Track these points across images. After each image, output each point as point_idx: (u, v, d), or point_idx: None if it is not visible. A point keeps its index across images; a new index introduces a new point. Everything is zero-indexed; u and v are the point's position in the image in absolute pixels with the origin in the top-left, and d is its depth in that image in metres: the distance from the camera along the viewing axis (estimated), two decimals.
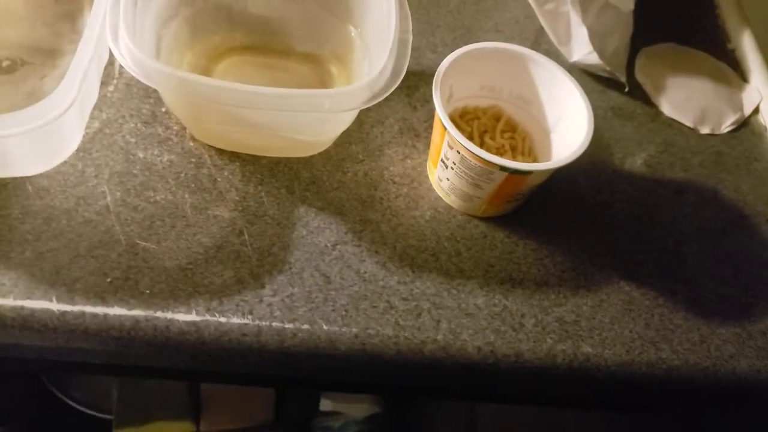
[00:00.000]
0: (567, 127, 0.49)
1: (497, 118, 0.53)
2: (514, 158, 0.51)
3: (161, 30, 0.49)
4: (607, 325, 0.47)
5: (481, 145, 0.51)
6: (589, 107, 0.47)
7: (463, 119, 0.52)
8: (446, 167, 0.48)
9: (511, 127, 0.53)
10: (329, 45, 0.54)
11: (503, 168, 0.44)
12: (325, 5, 0.53)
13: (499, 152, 0.51)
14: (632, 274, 0.50)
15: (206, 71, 0.53)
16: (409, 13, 0.48)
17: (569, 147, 0.46)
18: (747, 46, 0.67)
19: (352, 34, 0.53)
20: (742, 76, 0.66)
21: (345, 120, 0.48)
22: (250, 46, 0.55)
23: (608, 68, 0.59)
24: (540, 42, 0.62)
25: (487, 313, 0.46)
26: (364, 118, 0.54)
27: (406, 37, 0.46)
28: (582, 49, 0.59)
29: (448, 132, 0.44)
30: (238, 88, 0.41)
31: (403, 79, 0.45)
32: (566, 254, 0.50)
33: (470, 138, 0.51)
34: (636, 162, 0.57)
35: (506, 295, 0.47)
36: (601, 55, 0.60)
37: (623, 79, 0.61)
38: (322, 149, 0.51)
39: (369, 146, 0.52)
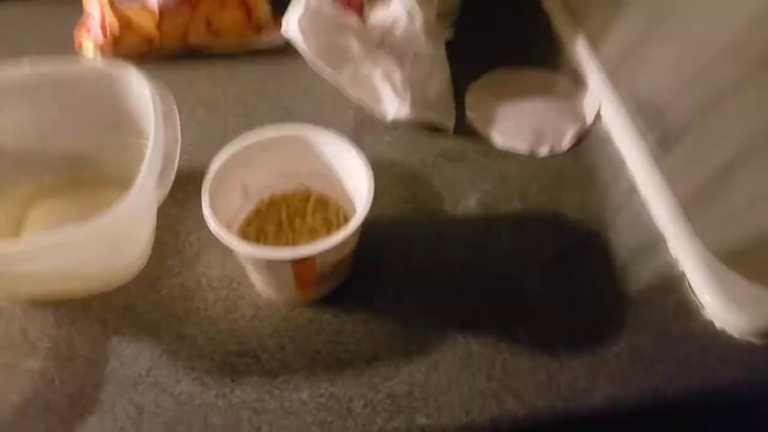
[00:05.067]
0: (361, 193, 0.47)
1: (306, 198, 0.52)
2: (330, 233, 0.50)
3: None
4: (443, 389, 0.45)
5: (292, 230, 0.50)
6: (368, 170, 0.46)
7: (271, 209, 0.51)
8: (246, 265, 0.47)
9: (323, 204, 0.52)
10: (138, 164, 0.54)
11: (283, 260, 0.43)
12: (121, 128, 0.53)
13: (312, 234, 0.50)
14: (469, 325, 0.48)
15: (20, 222, 0.53)
16: (177, 123, 0.48)
17: (360, 214, 0.45)
18: (581, 52, 0.66)
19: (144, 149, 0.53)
20: (581, 85, 0.65)
21: (134, 242, 0.47)
22: (61, 184, 0.55)
23: (423, 117, 0.58)
24: (362, 108, 0.61)
25: (312, 407, 0.44)
26: (179, 227, 0.53)
27: (171, 147, 0.46)
28: (393, 106, 0.58)
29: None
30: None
31: None
32: (396, 320, 0.48)
33: (279, 225, 0.50)
34: (469, 203, 0.55)
35: (333, 381, 0.45)
36: (425, 101, 0.59)
37: (448, 121, 0.60)
38: (134, 272, 0.50)
39: (185, 256, 0.52)
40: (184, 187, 0.49)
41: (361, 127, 0.61)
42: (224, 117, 0.61)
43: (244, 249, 0.42)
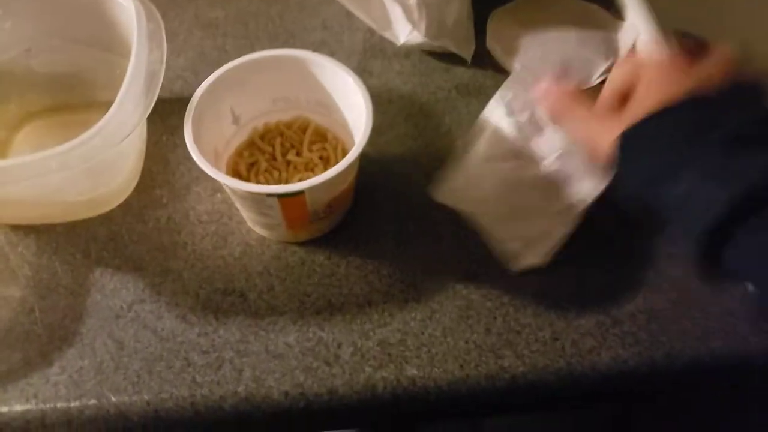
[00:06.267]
0: (361, 127, 0.43)
1: (304, 129, 0.48)
2: (325, 170, 0.46)
3: None
4: (437, 340, 0.42)
5: (286, 164, 0.47)
6: (368, 100, 0.42)
7: (265, 139, 0.47)
8: (234, 200, 0.44)
9: (321, 137, 0.48)
10: None
11: (268, 194, 0.39)
12: (108, 47, 0.49)
13: (308, 168, 0.47)
14: (471, 275, 0.44)
15: (5, 144, 0.51)
16: (163, 42, 0.44)
17: (355, 149, 0.41)
18: None
19: None
20: (617, 14, 0.58)
21: (116, 169, 0.45)
22: (51, 107, 0.52)
23: (437, 44, 0.53)
24: (374, 32, 0.56)
25: (298, 351, 0.42)
26: (169, 156, 0.50)
27: (155, 67, 0.42)
28: (405, 30, 0.53)
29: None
30: None
31: None
32: (394, 266, 0.45)
33: (273, 158, 0.47)
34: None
35: (322, 325, 0.43)
36: (442, 28, 0.54)
37: (466, 51, 0.54)
38: (119, 201, 0.48)
39: (174, 186, 0.49)
40: (178, 114, 0.45)
41: (371, 54, 0.56)
42: (223, 40, 0.57)
43: (227, 181, 0.39)
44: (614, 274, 0.45)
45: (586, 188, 0.45)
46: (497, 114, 0.47)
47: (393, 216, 0.47)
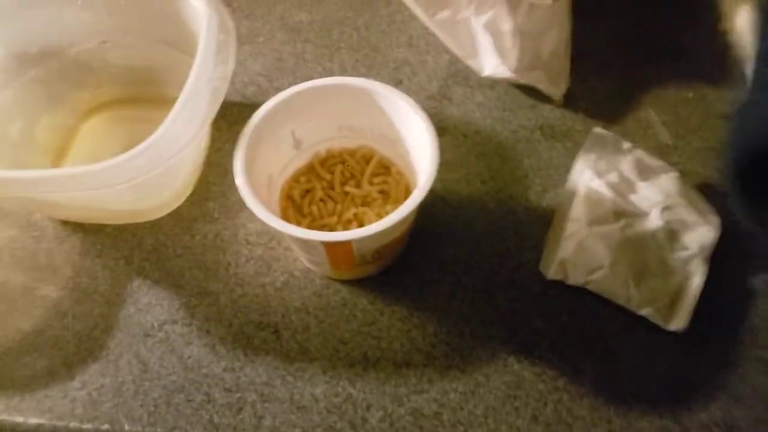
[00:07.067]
0: (424, 167, 0.39)
1: (368, 159, 0.44)
2: (383, 206, 0.43)
3: None
4: (477, 420, 0.38)
5: (343, 195, 0.43)
6: (435, 143, 0.37)
7: (325, 165, 0.44)
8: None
9: (385, 169, 0.44)
10: None
11: (313, 240, 0.36)
12: (181, 48, 0.47)
13: (366, 202, 0.43)
14: (527, 348, 0.40)
15: (72, 131, 0.50)
16: (232, 56, 0.41)
17: (416, 196, 0.37)
18: (744, 26, 0.52)
19: None
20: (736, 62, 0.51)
21: (167, 184, 0.43)
22: (121, 99, 0.51)
23: (524, 80, 0.48)
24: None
25: (324, 406, 0.39)
26: (229, 166, 0.47)
27: (217, 84, 0.40)
28: (491, 61, 0.48)
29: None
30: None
31: None
32: (442, 323, 0.41)
33: (330, 188, 0.44)
34: (560, 197, 0.45)
35: (353, 381, 0.39)
36: (534, 60, 0.49)
37: (557, 89, 0.49)
38: (169, 210, 0.46)
39: (228, 201, 0.46)
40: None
41: (454, 80, 0.51)
42: (303, 46, 0.54)
43: (272, 223, 0.36)
44: (689, 372, 0.39)
45: (703, 234, 0.41)
46: (586, 177, 0.43)
47: (449, 265, 0.43)
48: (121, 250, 0.45)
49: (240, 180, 0.37)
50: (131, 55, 0.49)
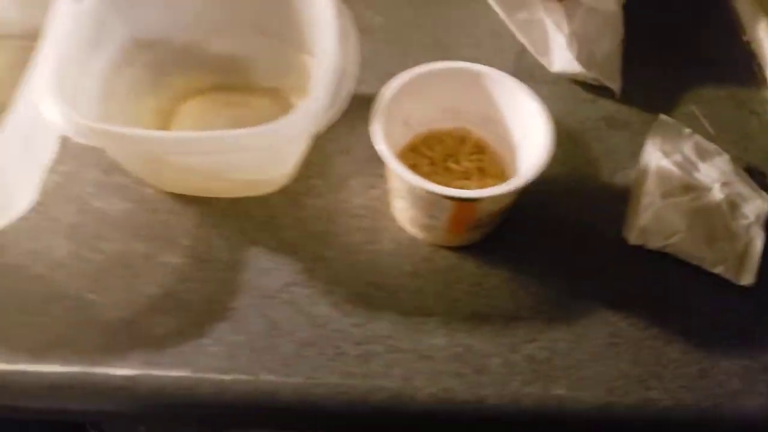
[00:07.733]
0: (532, 145, 0.44)
1: (463, 140, 0.49)
2: (482, 180, 0.47)
3: (113, 76, 0.48)
4: (585, 363, 0.42)
5: (445, 170, 0.48)
6: (550, 123, 0.43)
7: (426, 144, 0.49)
8: (400, 197, 0.45)
9: (480, 149, 0.49)
10: (290, 77, 0.52)
11: (447, 197, 0.40)
12: (283, 38, 0.51)
13: (466, 176, 0.48)
14: (619, 303, 0.45)
15: (169, 114, 0.53)
16: (355, 40, 0.45)
17: (535, 167, 0.42)
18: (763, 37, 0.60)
19: (309, 63, 0.51)
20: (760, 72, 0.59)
21: (290, 156, 0.46)
22: (215, 86, 0.54)
23: (591, 75, 0.54)
24: (524, 54, 0.58)
25: (446, 355, 0.42)
26: (328, 148, 0.51)
27: (347, 67, 0.44)
28: (563, 58, 0.54)
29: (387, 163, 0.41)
30: (161, 136, 0.40)
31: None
32: (543, 284, 0.46)
33: (432, 164, 0.48)
34: (628, 176, 0.51)
35: (470, 333, 0.43)
36: (591, 60, 0.55)
37: (615, 85, 0.55)
38: (279, 186, 0.49)
39: (331, 178, 0.50)
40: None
41: (519, 77, 0.57)
42: (375, 45, 0.58)
43: (414, 180, 0.40)
44: (760, 320, 0.45)
45: (758, 206, 0.48)
46: (655, 157, 0.49)
47: (543, 234, 0.48)
48: (234, 222, 0.48)
49: (381, 146, 0.41)
50: (233, 45, 0.52)
